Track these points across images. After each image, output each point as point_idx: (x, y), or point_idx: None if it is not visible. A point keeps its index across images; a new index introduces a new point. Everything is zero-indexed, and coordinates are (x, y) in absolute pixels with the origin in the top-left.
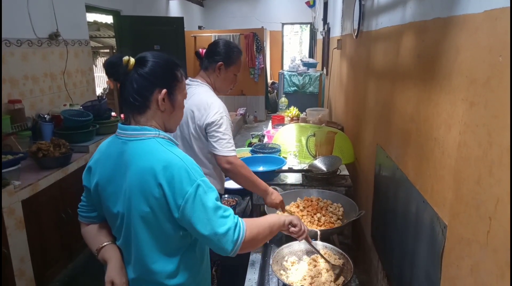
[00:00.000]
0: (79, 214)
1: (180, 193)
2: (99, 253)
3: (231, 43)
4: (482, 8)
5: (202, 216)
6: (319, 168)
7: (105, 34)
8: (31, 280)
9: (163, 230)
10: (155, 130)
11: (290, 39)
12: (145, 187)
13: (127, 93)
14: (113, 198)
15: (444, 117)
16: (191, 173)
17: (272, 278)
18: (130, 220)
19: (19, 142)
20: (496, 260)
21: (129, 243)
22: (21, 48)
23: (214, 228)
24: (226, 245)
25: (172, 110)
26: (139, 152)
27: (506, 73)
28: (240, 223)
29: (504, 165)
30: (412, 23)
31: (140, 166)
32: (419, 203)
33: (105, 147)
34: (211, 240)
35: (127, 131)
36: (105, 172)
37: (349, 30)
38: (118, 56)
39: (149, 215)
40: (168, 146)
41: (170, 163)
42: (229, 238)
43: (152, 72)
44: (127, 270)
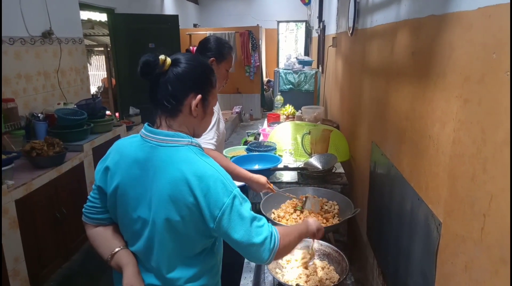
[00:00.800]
0: (86, 215)
1: (216, 205)
2: (112, 259)
3: (222, 39)
4: (476, 5)
5: (239, 227)
6: (314, 166)
7: (99, 32)
8: (26, 280)
9: (190, 238)
10: (188, 137)
11: (285, 37)
12: (178, 196)
13: (160, 95)
14: (135, 203)
15: (438, 114)
16: (227, 184)
17: (268, 277)
18: (155, 227)
19: (13, 142)
20: (490, 256)
21: (150, 250)
22: (13, 47)
23: (251, 239)
24: (263, 254)
25: (203, 117)
26: (171, 159)
27: (500, 70)
28: (274, 232)
29: (497, 161)
30: (407, 20)
31: (173, 175)
32: (414, 200)
33: (128, 149)
34: (248, 249)
35: (158, 135)
36: (129, 176)
37: (344, 27)
38: (154, 55)
39: (178, 224)
40: (201, 155)
41: (205, 173)
42: (266, 247)
43: (188, 75)
44: (145, 276)
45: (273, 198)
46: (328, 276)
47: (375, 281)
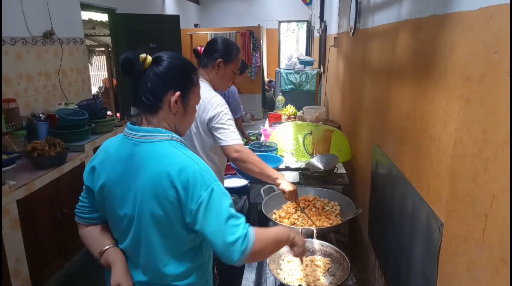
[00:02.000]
0: (77, 215)
1: (194, 198)
2: (101, 256)
3: (230, 41)
4: (477, 5)
5: (213, 223)
6: (316, 167)
7: (100, 32)
8: (27, 280)
9: (176, 233)
10: (168, 132)
11: (286, 37)
12: (160, 190)
13: (140, 92)
14: (121, 201)
15: (440, 115)
16: (206, 177)
17: (269, 277)
18: (140, 223)
19: (14, 142)
20: (491, 257)
21: (138, 246)
22: (15, 47)
23: (223, 236)
24: (233, 255)
25: (184, 114)
26: (153, 154)
27: (501, 70)
28: (249, 234)
29: (499, 162)
30: (408, 20)
31: (154, 169)
32: (416, 200)
33: (112, 147)
34: (219, 247)
35: (138, 132)
36: (113, 174)
37: (346, 27)
38: (135, 53)
39: (162, 218)
40: (182, 149)
41: (185, 166)
42: (237, 247)
43: (168, 72)
44: (134, 273)
45: (274, 199)
46: (329, 276)
47: (377, 281)
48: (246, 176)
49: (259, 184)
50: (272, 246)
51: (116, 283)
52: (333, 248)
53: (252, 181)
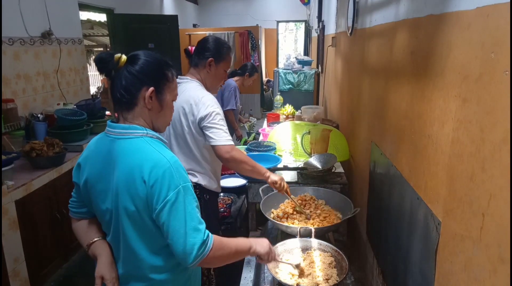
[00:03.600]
0: (70, 210)
1: (160, 196)
2: (89, 249)
3: (221, 40)
4: (474, 5)
5: (176, 224)
6: (314, 166)
7: (99, 32)
8: (26, 280)
9: (148, 227)
10: (143, 129)
11: (285, 36)
12: (131, 185)
13: (115, 89)
14: (102, 195)
15: (437, 114)
16: (175, 177)
17: (268, 276)
18: (118, 217)
19: (12, 142)
20: (489, 255)
21: (117, 240)
22: (13, 47)
23: (184, 239)
24: (188, 257)
25: (160, 109)
26: (126, 150)
27: (498, 69)
28: (209, 241)
29: (496, 161)
30: (406, 20)
31: (127, 165)
32: (414, 200)
33: (94, 144)
34: (176, 248)
35: (115, 129)
36: (94, 170)
37: (344, 27)
38: (109, 53)
39: (134, 213)
40: (156, 145)
41: (156, 163)
42: (194, 251)
43: (141, 70)
44: (118, 266)
45: (272, 198)
46: (327, 276)
47: (375, 280)
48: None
49: (258, 184)
50: (229, 256)
51: (100, 275)
52: (331, 247)
53: (250, 180)
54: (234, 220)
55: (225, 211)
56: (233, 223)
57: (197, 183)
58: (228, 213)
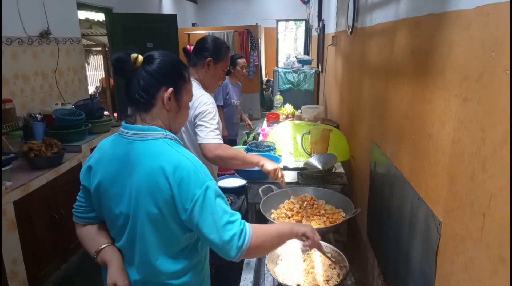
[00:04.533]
0: (75, 215)
1: (188, 196)
2: (98, 255)
3: (219, 39)
4: (474, 4)
5: (209, 221)
6: (314, 166)
7: (97, 32)
8: (24, 281)
9: (171, 231)
10: (162, 130)
11: (285, 36)
12: (154, 188)
13: (133, 90)
14: (116, 199)
15: (438, 113)
16: (200, 175)
17: (268, 278)
18: (136, 221)
19: (10, 142)
20: (490, 256)
21: (133, 245)
22: (11, 47)
23: (219, 233)
24: (230, 251)
25: (178, 110)
26: (147, 152)
27: (499, 69)
28: (246, 230)
29: (497, 161)
30: (406, 19)
31: (149, 167)
32: (414, 200)
33: (108, 146)
34: (216, 244)
35: (132, 130)
36: (109, 173)
37: (344, 26)
38: (126, 52)
39: (157, 216)
40: (177, 147)
41: (179, 164)
42: (233, 244)
43: (159, 70)
44: (129, 272)
45: (272, 198)
46: (328, 277)
47: (376, 281)
48: (244, 175)
49: (257, 184)
50: (273, 241)
51: (112, 282)
52: (331, 248)
53: (250, 181)
54: None
55: None
56: None
57: None
58: None
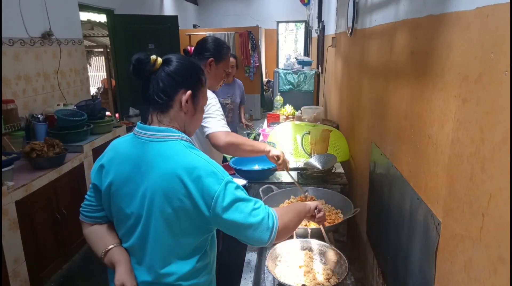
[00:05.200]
0: (82, 214)
1: (209, 193)
2: (105, 256)
3: (220, 40)
4: (473, 5)
5: (235, 211)
6: (314, 166)
7: (99, 33)
8: (26, 281)
9: (184, 232)
10: (178, 132)
11: (285, 37)
12: (170, 189)
13: (152, 91)
14: (128, 199)
15: (437, 114)
16: (218, 173)
17: (268, 277)
18: (149, 222)
19: (12, 143)
20: (489, 255)
21: (144, 245)
22: (13, 48)
23: (248, 220)
24: (262, 235)
25: (194, 113)
26: (163, 153)
27: (498, 70)
28: (272, 212)
29: (496, 161)
30: (405, 20)
31: (165, 168)
32: (413, 200)
33: (122, 146)
34: (247, 232)
35: (149, 131)
36: (122, 172)
37: (344, 28)
38: (146, 54)
39: (172, 217)
40: (192, 148)
41: (196, 165)
42: (264, 227)
43: (179, 72)
44: (138, 273)
45: (273, 198)
46: (328, 276)
47: (375, 280)
48: (244, 176)
49: (258, 184)
50: (294, 219)
51: (120, 283)
52: (331, 247)
53: (250, 181)
54: None
55: None
56: None
57: None
58: None
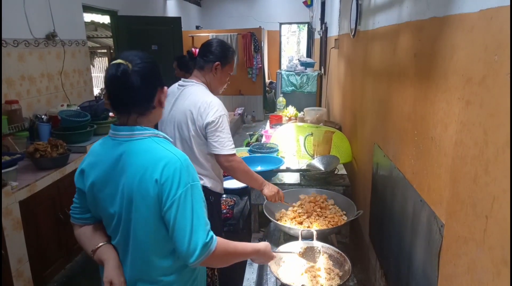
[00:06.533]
0: (72, 216)
1: (170, 194)
2: (95, 254)
3: (226, 43)
4: (477, 8)
5: (181, 222)
6: (317, 168)
7: (103, 34)
8: (29, 281)
9: (160, 228)
10: (152, 129)
11: (288, 38)
12: (143, 186)
13: (133, 98)
14: (110, 199)
15: (440, 116)
16: (185, 175)
17: (271, 278)
18: (128, 219)
19: (16, 143)
20: (492, 258)
21: (126, 243)
22: (17, 49)
23: (189, 236)
24: (190, 256)
25: (160, 109)
26: (137, 151)
27: (501, 72)
28: (212, 242)
29: (499, 163)
30: (409, 22)
31: (138, 165)
32: (416, 202)
33: (99, 149)
34: (180, 245)
35: (122, 131)
36: (101, 174)
37: (347, 29)
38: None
39: (148, 214)
40: (166, 144)
41: (168, 162)
42: (196, 251)
43: (151, 73)
44: (125, 269)
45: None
46: (330, 278)
47: (378, 282)
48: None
49: None
50: (231, 257)
51: (109, 280)
52: (334, 249)
53: None
54: (237, 222)
55: (228, 212)
56: (235, 224)
57: (202, 186)
58: (231, 214)
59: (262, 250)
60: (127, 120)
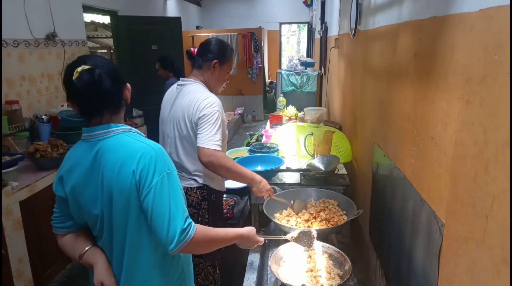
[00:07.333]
0: (54, 226)
1: (146, 183)
2: (82, 259)
3: (224, 42)
4: (477, 7)
5: (159, 209)
6: (317, 167)
7: (103, 34)
8: (30, 281)
9: (143, 223)
10: (124, 125)
11: (288, 38)
12: (122, 181)
13: (106, 100)
14: (92, 200)
15: (440, 116)
16: (160, 163)
17: (271, 278)
18: (111, 219)
19: (17, 143)
20: (492, 257)
21: (110, 243)
22: (18, 49)
23: (168, 223)
24: (169, 243)
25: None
26: (112, 147)
27: (501, 71)
28: (190, 229)
29: (499, 162)
30: (409, 22)
31: (115, 160)
32: (417, 201)
33: (74, 154)
34: (159, 232)
35: (95, 131)
36: (80, 176)
37: (347, 29)
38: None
39: (127, 208)
40: (139, 137)
41: (143, 153)
42: (175, 238)
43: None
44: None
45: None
46: (331, 278)
47: (378, 282)
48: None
49: None
50: (212, 242)
51: (99, 281)
52: (334, 249)
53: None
54: (237, 222)
55: (228, 212)
56: (236, 224)
57: (204, 184)
58: (231, 214)
59: (245, 235)
60: (101, 121)
